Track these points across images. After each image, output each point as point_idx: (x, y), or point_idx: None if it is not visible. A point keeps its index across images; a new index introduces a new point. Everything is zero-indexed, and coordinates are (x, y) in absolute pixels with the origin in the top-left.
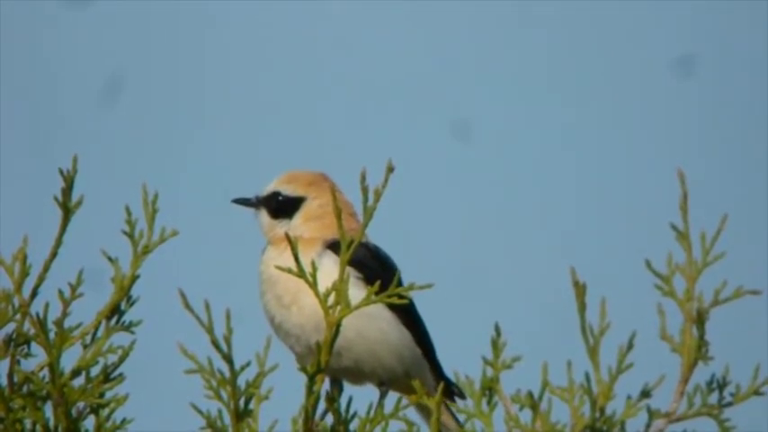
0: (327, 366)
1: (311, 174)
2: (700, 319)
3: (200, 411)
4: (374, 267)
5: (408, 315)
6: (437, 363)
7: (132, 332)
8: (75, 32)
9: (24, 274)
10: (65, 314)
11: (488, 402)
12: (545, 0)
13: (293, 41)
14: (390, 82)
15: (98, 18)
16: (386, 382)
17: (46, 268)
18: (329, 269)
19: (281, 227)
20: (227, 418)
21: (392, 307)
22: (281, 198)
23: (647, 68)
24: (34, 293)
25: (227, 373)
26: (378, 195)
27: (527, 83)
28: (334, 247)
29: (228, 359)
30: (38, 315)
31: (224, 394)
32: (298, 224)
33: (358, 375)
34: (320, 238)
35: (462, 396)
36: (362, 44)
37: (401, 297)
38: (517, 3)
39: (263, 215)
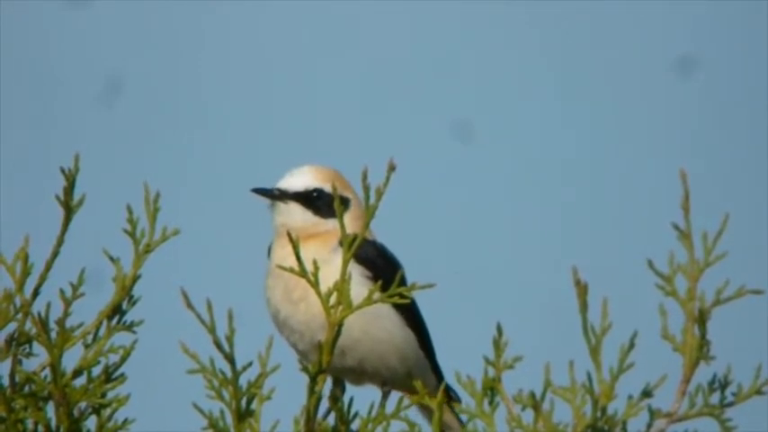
0: (330, 366)
1: (339, 173)
2: (701, 319)
3: (201, 411)
4: (381, 266)
5: (413, 316)
6: (437, 364)
7: (134, 332)
8: (75, 32)
9: (26, 273)
10: (66, 314)
11: (490, 402)
12: (545, 0)
13: (293, 41)
14: (390, 82)
15: (98, 18)
16: (388, 383)
17: (47, 268)
18: (339, 265)
19: (326, 224)
20: (229, 419)
21: (397, 307)
22: (324, 196)
23: (648, 69)
24: (36, 293)
25: (229, 373)
26: (379, 194)
27: (527, 83)
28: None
29: (230, 359)
30: (39, 315)
31: (226, 394)
32: (346, 222)
33: (361, 375)
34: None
35: (459, 400)
36: (363, 44)
37: (403, 297)
38: (517, 3)
39: (297, 210)
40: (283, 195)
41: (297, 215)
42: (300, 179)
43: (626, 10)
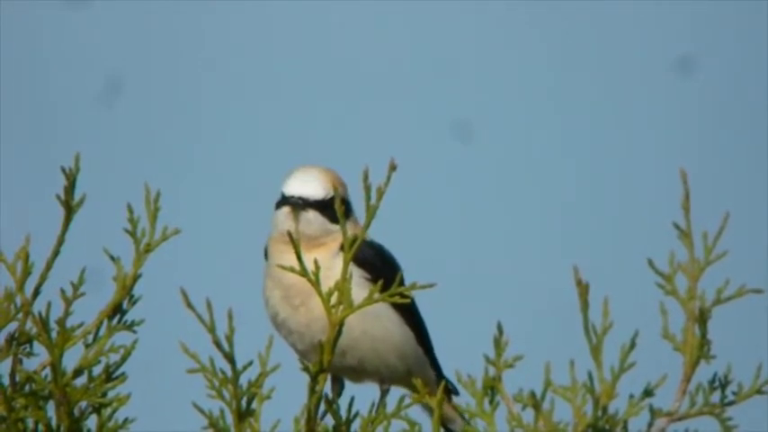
0: (330, 365)
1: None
2: (702, 318)
3: (202, 411)
4: (380, 267)
5: (411, 315)
6: (436, 360)
7: (134, 331)
8: (75, 33)
9: (26, 273)
10: (67, 313)
11: (490, 402)
12: (545, 0)
13: (293, 41)
14: (390, 82)
15: (98, 18)
16: (387, 380)
17: (48, 267)
18: (339, 269)
19: (333, 229)
20: (230, 418)
21: (396, 306)
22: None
23: (648, 68)
24: (36, 292)
25: (230, 373)
26: (380, 194)
27: (527, 83)
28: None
29: (230, 359)
30: (40, 314)
31: (226, 394)
32: (351, 227)
33: (360, 374)
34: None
35: (456, 392)
36: (363, 44)
37: (403, 296)
38: (517, 3)
39: (318, 219)
40: (306, 204)
41: (315, 223)
42: (319, 186)
43: (626, 10)
